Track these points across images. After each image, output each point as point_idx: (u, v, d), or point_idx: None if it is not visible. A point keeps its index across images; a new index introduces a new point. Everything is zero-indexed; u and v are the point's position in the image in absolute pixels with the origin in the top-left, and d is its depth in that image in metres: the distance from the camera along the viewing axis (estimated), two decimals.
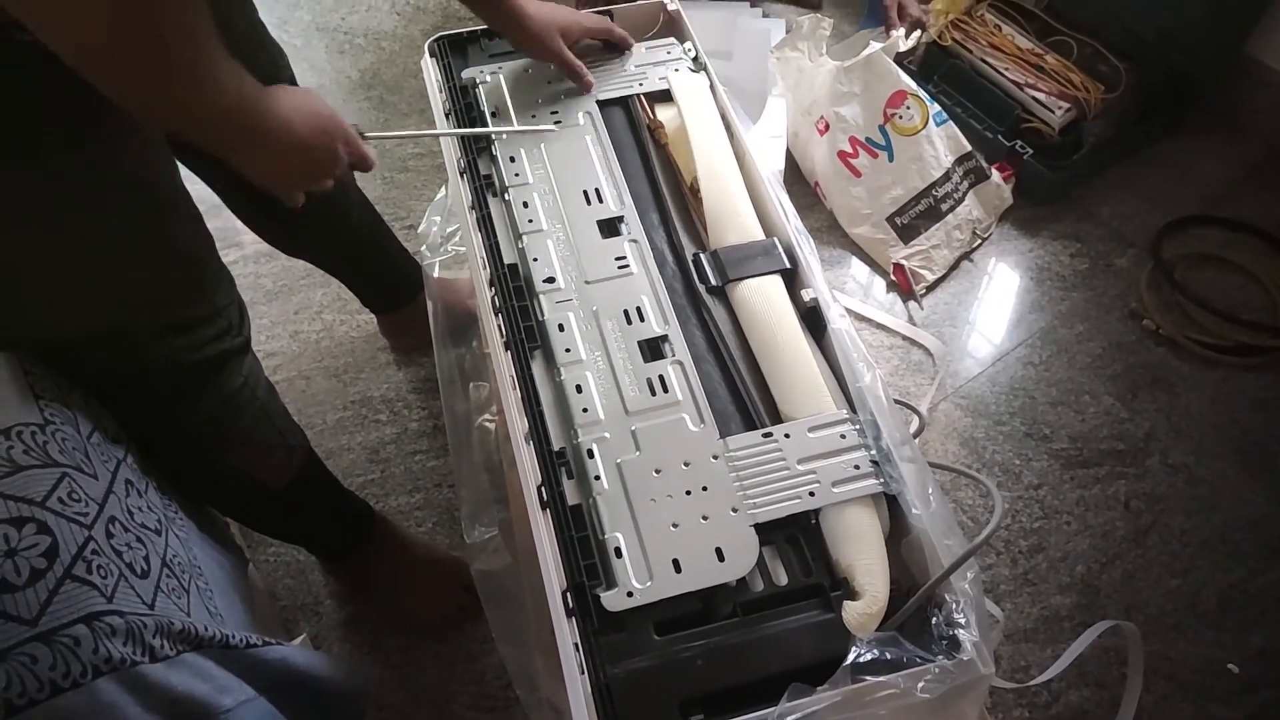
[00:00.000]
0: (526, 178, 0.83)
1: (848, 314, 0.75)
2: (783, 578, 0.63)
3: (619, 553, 0.62)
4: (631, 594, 0.60)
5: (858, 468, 0.66)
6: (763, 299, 0.76)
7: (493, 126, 0.86)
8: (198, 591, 0.72)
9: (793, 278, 0.79)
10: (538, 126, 0.86)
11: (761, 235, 0.81)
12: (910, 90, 1.36)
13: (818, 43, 1.41)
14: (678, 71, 0.93)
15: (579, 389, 0.70)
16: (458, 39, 0.96)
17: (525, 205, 0.81)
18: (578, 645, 0.58)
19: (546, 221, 0.80)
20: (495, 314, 0.75)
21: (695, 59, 0.94)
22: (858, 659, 0.56)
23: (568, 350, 0.72)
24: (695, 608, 0.61)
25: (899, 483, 0.65)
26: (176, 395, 0.75)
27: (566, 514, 0.64)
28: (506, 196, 0.82)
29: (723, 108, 0.90)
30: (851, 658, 0.56)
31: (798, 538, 0.65)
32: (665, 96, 0.92)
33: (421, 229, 0.99)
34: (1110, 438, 1.27)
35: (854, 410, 0.70)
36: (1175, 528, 1.18)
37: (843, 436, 0.68)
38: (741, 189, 0.84)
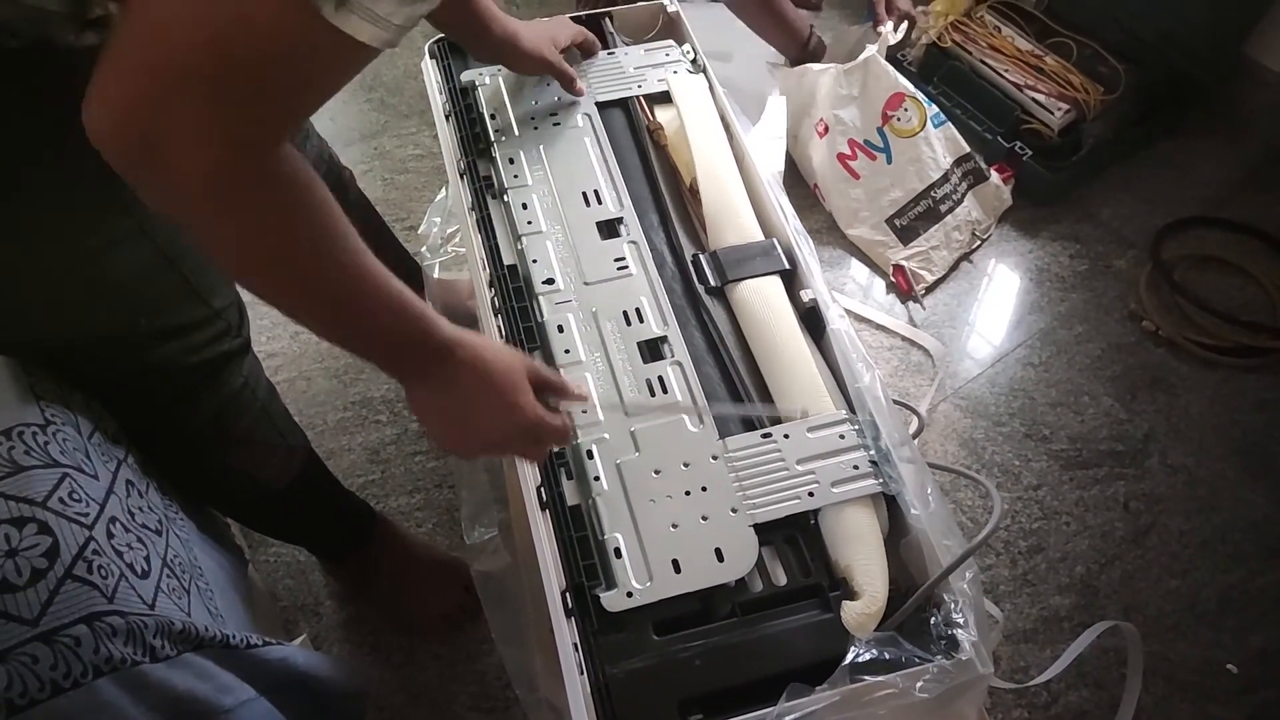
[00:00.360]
0: (526, 179, 0.84)
1: (847, 315, 0.75)
2: (782, 578, 0.64)
3: (618, 553, 0.62)
4: (631, 594, 0.60)
5: (857, 468, 0.66)
6: (762, 300, 0.76)
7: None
8: (198, 592, 0.72)
9: (792, 279, 0.79)
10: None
11: (761, 236, 0.81)
12: (908, 92, 1.36)
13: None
14: (677, 73, 0.93)
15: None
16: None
17: (524, 207, 0.82)
18: (577, 645, 0.58)
19: (546, 223, 0.81)
20: (495, 315, 0.75)
21: (694, 60, 0.95)
22: (856, 659, 0.56)
23: (567, 351, 0.72)
24: (694, 607, 0.61)
25: (898, 483, 0.65)
26: (177, 397, 0.75)
27: (566, 514, 0.64)
28: (506, 198, 0.82)
29: (722, 109, 0.90)
30: (850, 657, 0.56)
31: (797, 538, 0.65)
32: (665, 98, 0.92)
33: (422, 230, 0.99)
34: (1110, 438, 1.27)
35: (853, 411, 0.70)
36: (1175, 528, 1.18)
37: (842, 437, 0.68)
38: (741, 190, 0.84)
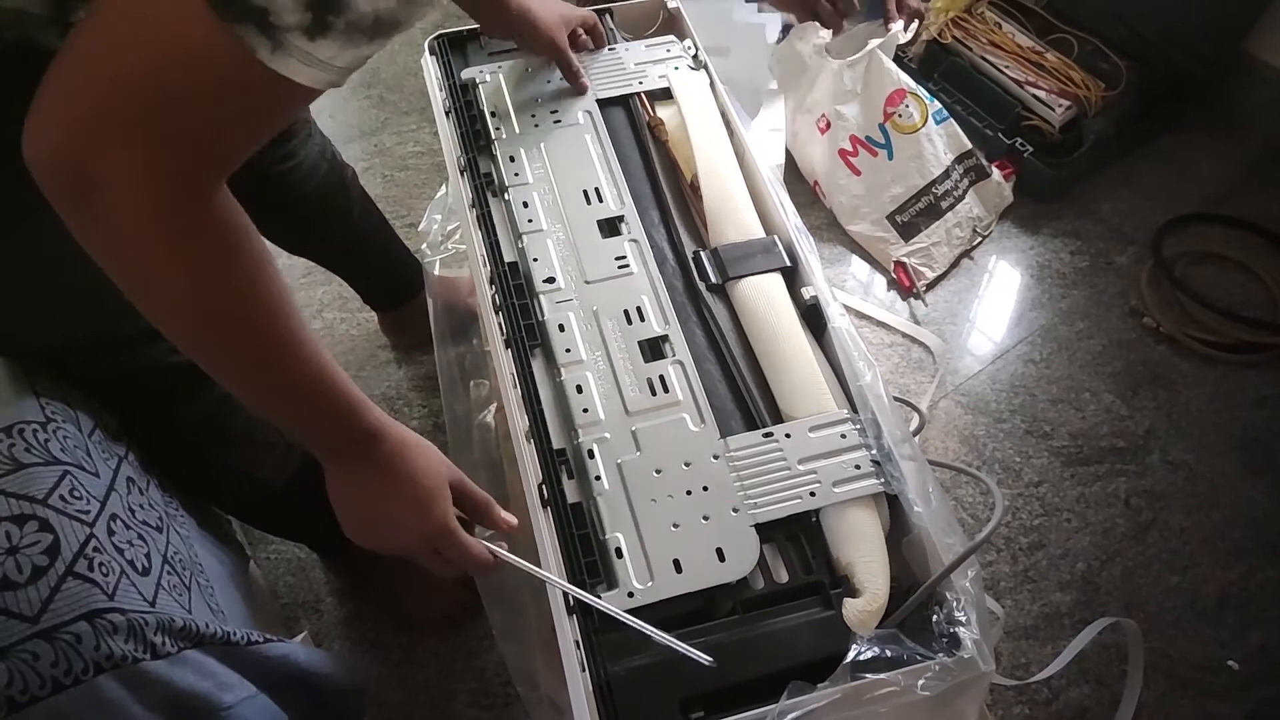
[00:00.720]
0: (526, 177, 0.83)
1: (848, 312, 0.75)
2: (783, 575, 0.63)
3: (620, 553, 0.62)
4: (632, 594, 0.60)
5: (858, 467, 0.66)
6: (763, 297, 0.76)
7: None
8: (199, 588, 0.72)
9: (793, 276, 0.79)
10: None
11: (762, 233, 0.81)
12: (909, 88, 1.36)
13: (818, 44, 1.41)
14: (678, 69, 0.93)
15: (579, 389, 0.70)
16: (458, 37, 0.96)
17: (525, 205, 0.81)
18: (579, 643, 0.58)
19: (546, 221, 0.80)
20: (495, 312, 0.75)
21: (695, 57, 0.94)
22: (858, 656, 0.56)
23: (568, 350, 0.72)
24: (696, 605, 0.61)
25: (900, 482, 0.65)
26: (173, 394, 0.75)
27: (567, 512, 0.64)
28: (507, 195, 0.82)
29: (723, 105, 0.90)
30: (852, 655, 0.56)
31: (798, 535, 0.65)
32: (665, 94, 0.92)
33: (422, 227, 0.99)
34: (1110, 435, 1.27)
35: (854, 409, 0.70)
36: (1175, 525, 1.19)
37: (843, 436, 0.68)
38: (742, 187, 0.83)
